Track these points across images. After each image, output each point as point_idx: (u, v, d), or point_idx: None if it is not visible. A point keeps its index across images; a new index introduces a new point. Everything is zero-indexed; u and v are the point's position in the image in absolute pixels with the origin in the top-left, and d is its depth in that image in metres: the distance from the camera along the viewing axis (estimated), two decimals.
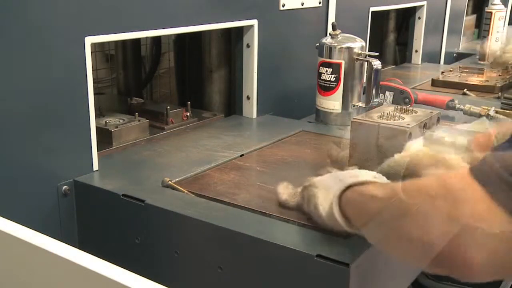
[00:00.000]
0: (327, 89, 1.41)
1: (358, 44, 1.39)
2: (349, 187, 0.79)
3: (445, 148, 0.86)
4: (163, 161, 1.15)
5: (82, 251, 0.59)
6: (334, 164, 1.01)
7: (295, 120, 1.49)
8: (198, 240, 0.90)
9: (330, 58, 1.39)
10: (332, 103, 1.41)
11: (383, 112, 1.01)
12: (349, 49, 1.38)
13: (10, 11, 0.90)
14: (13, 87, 0.93)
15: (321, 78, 1.41)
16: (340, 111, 1.41)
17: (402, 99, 1.57)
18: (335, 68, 1.38)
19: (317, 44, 1.42)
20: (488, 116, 1.46)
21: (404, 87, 1.62)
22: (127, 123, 1.28)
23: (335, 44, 1.39)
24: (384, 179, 0.81)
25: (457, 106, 1.53)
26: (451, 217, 0.62)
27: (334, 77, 1.39)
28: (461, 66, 2.20)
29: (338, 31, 1.40)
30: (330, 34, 1.41)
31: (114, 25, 1.08)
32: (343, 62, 1.37)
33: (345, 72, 1.38)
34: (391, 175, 0.83)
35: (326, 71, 1.40)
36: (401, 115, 1.01)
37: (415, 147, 0.88)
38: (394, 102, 1.56)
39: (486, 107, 1.49)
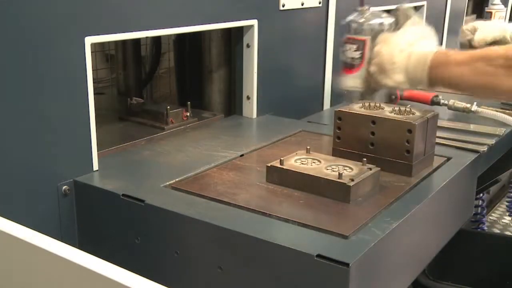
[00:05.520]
0: (350, 66, 1.33)
1: (386, 20, 1.32)
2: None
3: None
4: (163, 161, 1.15)
5: (82, 251, 0.59)
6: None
7: (295, 120, 1.49)
8: (198, 240, 0.90)
9: (356, 34, 1.31)
10: (356, 81, 1.36)
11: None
12: (376, 25, 1.31)
13: (10, 11, 0.90)
14: (13, 87, 0.93)
15: (346, 55, 1.34)
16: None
17: (388, 95, 1.57)
18: (360, 44, 1.31)
19: (344, 21, 1.35)
20: (470, 111, 1.48)
21: None
22: None
23: (362, 20, 1.31)
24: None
25: (442, 101, 1.55)
26: None
27: (359, 53, 1.34)
28: None
29: (366, 6, 1.35)
30: (357, 10, 1.36)
31: (114, 25, 1.08)
32: (367, 38, 1.30)
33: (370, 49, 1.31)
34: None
35: (350, 48, 1.32)
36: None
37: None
38: (379, 98, 1.53)
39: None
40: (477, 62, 1.14)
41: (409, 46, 1.21)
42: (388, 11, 1.37)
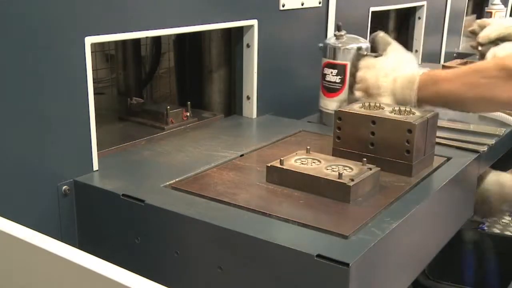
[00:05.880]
0: (332, 90, 1.40)
1: (363, 45, 1.38)
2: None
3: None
4: (163, 161, 1.15)
5: (82, 251, 0.59)
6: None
7: (295, 120, 1.49)
8: (198, 240, 0.90)
9: (334, 59, 1.37)
10: (337, 104, 1.39)
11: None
12: (354, 50, 1.36)
13: (10, 11, 0.90)
14: (13, 87, 0.93)
15: (326, 79, 1.40)
16: None
17: None
18: (340, 69, 1.38)
19: (321, 45, 1.41)
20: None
21: None
22: None
23: (340, 45, 1.37)
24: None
25: None
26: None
27: (339, 78, 1.37)
28: (460, 62, 2.20)
29: (343, 32, 1.38)
30: (335, 35, 1.39)
31: (114, 25, 1.08)
32: (348, 63, 1.36)
33: (350, 73, 1.37)
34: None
35: (331, 72, 1.38)
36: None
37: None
38: None
39: None
40: (469, 76, 1.16)
41: (393, 71, 1.24)
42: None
